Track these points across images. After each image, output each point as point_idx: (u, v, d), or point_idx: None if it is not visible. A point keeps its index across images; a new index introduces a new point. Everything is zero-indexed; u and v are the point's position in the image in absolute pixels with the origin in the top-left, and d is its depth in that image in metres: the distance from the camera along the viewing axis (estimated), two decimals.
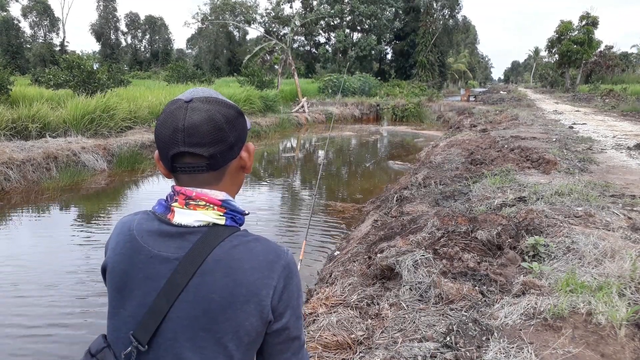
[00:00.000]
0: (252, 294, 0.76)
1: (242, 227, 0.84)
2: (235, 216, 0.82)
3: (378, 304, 2.61)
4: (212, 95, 0.81)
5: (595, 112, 16.88)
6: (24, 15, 47.90)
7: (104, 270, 0.85)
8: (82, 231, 5.79)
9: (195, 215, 0.79)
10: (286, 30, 39.51)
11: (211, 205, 0.80)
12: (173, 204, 0.80)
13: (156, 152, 0.84)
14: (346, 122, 21.92)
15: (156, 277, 0.77)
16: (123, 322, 0.79)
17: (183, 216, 0.79)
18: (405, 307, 2.45)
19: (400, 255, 2.95)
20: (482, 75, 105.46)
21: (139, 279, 0.79)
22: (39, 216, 6.49)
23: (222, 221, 0.80)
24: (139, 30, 59.49)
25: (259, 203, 7.33)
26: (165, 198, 0.83)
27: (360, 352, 2.14)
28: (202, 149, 0.77)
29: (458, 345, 1.97)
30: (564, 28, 34.33)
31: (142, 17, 59.38)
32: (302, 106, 21.08)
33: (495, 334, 2.03)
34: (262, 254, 0.79)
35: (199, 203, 0.79)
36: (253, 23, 48.47)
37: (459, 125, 14.94)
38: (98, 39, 52.79)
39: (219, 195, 0.81)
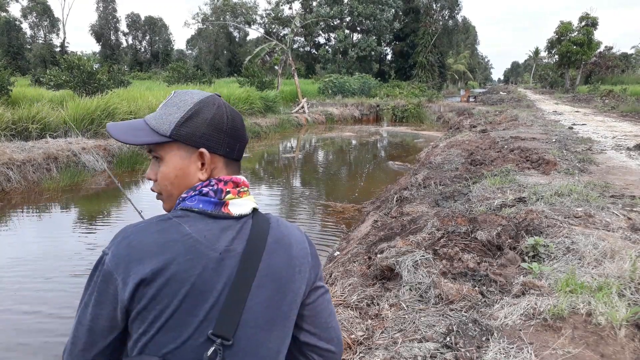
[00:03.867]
0: (301, 264, 0.86)
1: None
2: None
3: (378, 304, 2.61)
4: None
5: (595, 112, 16.88)
6: (24, 16, 47.95)
7: (138, 285, 0.74)
8: (82, 231, 5.79)
9: (249, 203, 0.85)
10: (286, 31, 39.53)
11: (248, 190, 0.88)
12: (227, 197, 0.83)
13: (202, 149, 0.82)
14: (346, 122, 21.92)
15: (227, 270, 0.78)
16: (192, 329, 0.74)
17: (240, 207, 0.84)
18: (405, 308, 2.46)
19: (400, 255, 2.95)
20: (482, 76, 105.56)
21: (213, 279, 0.76)
22: (39, 216, 6.49)
23: (256, 205, 0.88)
24: (139, 31, 59.52)
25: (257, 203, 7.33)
26: (204, 195, 0.81)
27: (360, 353, 2.14)
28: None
29: (458, 345, 1.97)
30: (564, 29, 34.40)
31: (142, 18, 59.47)
32: (302, 107, 21.09)
33: (495, 334, 2.03)
34: (294, 228, 0.91)
35: (244, 189, 0.86)
36: (253, 24, 48.57)
37: (459, 125, 14.94)
38: (98, 39, 52.79)
39: (246, 180, 0.89)
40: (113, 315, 0.77)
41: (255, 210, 0.86)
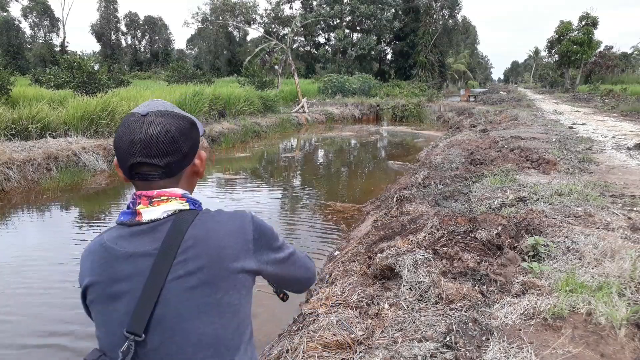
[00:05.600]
0: (238, 251, 0.86)
1: None
2: (196, 203, 0.90)
3: (378, 303, 2.61)
4: (167, 109, 0.88)
5: (595, 112, 16.88)
6: (24, 15, 47.98)
7: (84, 294, 0.88)
8: (82, 231, 5.79)
9: (162, 208, 0.86)
10: (286, 30, 39.52)
11: (173, 197, 0.88)
12: (138, 207, 0.86)
13: (115, 158, 0.91)
14: (346, 122, 21.90)
15: (140, 271, 0.82)
16: (118, 323, 0.82)
17: (150, 213, 0.86)
18: (405, 307, 2.46)
19: (400, 255, 2.95)
20: (482, 76, 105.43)
21: (124, 278, 0.83)
22: (39, 216, 6.49)
23: (186, 206, 0.88)
24: (139, 31, 59.51)
25: (257, 202, 7.33)
26: (127, 207, 0.89)
27: (360, 352, 2.14)
28: (157, 160, 0.84)
29: (458, 345, 1.97)
30: (564, 28, 34.39)
31: (142, 17, 59.45)
32: (302, 106, 21.08)
33: (495, 333, 2.03)
34: (231, 220, 0.89)
35: (162, 199, 0.87)
36: (253, 23, 48.55)
37: (459, 125, 14.94)
38: (98, 39, 52.79)
39: (178, 190, 0.89)
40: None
41: (181, 211, 0.87)
